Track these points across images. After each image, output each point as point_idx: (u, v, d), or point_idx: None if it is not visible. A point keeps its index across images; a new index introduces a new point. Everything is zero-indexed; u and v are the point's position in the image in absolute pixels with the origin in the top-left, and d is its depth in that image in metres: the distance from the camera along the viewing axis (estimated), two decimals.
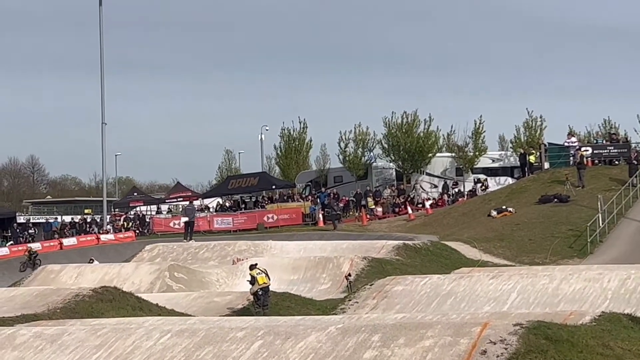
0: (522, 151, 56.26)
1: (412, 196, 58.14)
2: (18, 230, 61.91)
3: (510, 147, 64.06)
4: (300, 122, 70.13)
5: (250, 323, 16.51)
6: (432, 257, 37.13)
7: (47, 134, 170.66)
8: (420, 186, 60.16)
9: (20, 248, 53.64)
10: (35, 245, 54.72)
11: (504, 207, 46.33)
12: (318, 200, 56.89)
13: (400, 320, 14.81)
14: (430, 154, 60.65)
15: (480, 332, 12.89)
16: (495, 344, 12.64)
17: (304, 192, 63.34)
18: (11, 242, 58.26)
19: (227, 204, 64.87)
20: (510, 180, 57.16)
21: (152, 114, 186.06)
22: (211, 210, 63.14)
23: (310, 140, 70.78)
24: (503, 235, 41.80)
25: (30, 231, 61.83)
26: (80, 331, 15.32)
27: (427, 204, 54.60)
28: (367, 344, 12.76)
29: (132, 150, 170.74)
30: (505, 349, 12.52)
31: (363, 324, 13.86)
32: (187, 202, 54.05)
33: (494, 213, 45.76)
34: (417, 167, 60.75)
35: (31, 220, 73.33)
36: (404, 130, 61.05)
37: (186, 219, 44.88)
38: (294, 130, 69.98)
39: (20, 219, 72.88)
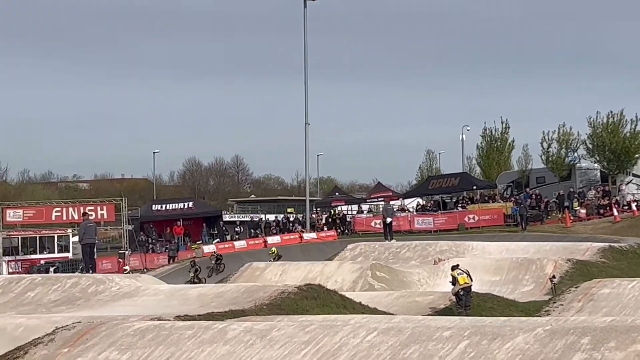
0: None
1: (617, 198, 56.67)
2: (224, 228, 63.73)
3: None
4: (502, 123, 69.73)
5: (455, 323, 16.45)
6: (639, 260, 36.10)
7: (251, 134, 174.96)
8: (627, 187, 58.57)
9: (226, 245, 55.20)
10: (241, 243, 56.25)
11: None
12: (520, 201, 56.19)
13: (610, 323, 14.45)
14: (637, 155, 58.90)
15: None
16: None
17: (505, 193, 62.71)
18: (217, 239, 59.97)
19: (428, 205, 64.88)
20: None
21: (353, 114, 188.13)
22: (411, 210, 63.27)
23: (513, 141, 70.28)
24: None
25: (237, 229, 63.56)
26: (288, 327, 15.59)
27: (634, 205, 53.12)
28: (576, 346, 12.50)
29: (333, 151, 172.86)
30: None
31: (571, 326, 13.60)
32: (383, 203, 54.19)
33: None
34: (622, 168, 59.11)
35: (237, 219, 75.47)
36: (609, 130, 59.40)
37: (390, 219, 44.61)
38: (495, 131, 69.57)
39: (226, 218, 75.06)
